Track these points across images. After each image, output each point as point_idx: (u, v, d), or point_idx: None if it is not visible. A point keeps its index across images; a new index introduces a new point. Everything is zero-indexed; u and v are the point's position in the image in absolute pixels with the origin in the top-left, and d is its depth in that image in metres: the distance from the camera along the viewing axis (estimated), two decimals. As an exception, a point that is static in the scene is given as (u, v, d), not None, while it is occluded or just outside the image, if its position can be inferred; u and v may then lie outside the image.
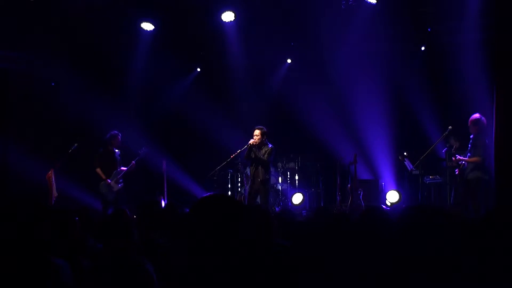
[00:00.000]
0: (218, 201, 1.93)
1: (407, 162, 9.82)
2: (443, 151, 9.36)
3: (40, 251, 2.49)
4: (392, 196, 10.27)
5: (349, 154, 10.24)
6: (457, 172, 7.97)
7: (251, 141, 8.36)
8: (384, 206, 9.91)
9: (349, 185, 10.03)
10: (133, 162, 9.20)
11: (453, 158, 7.88)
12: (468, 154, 7.78)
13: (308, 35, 10.55)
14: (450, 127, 8.27)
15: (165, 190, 10.14)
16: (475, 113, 8.02)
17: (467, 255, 2.44)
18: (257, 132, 8.39)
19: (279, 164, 11.44)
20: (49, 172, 9.19)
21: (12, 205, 2.56)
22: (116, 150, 9.28)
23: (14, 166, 10.18)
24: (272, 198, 10.17)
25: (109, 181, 9.02)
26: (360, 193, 9.88)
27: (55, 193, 9.15)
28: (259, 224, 3.23)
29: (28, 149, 10.14)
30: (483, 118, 7.72)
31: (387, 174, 10.89)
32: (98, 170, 9.12)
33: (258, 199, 8.80)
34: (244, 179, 11.08)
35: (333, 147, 11.08)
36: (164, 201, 10.09)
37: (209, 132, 11.34)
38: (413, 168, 9.37)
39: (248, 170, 10.02)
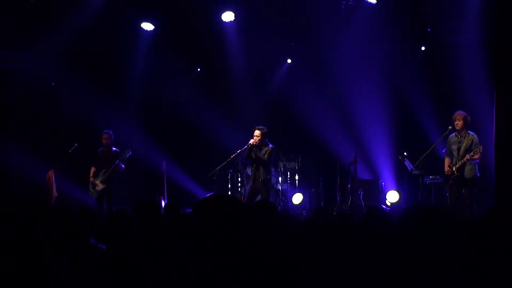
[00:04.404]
0: (219, 201, 1.93)
1: (407, 162, 9.81)
2: (443, 151, 9.35)
3: (40, 251, 2.49)
4: (392, 196, 10.27)
5: (349, 154, 10.24)
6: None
7: (251, 141, 8.35)
8: (384, 206, 9.91)
9: (349, 185, 10.03)
10: (116, 162, 9.05)
11: (454, 169, 7.79)
12: (466, 152, 7.73)
13: (308, 35, 10.55)
14: (450, 127, 8.26)
15: (165, 190, 10.14)
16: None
17: (467, 255, 2.44)
18: (257, 132, 8.38)
19: (280, 164, 11.44)
20: (49, 172, 9.21)
21: (12, 205, 2.56)
22: (114, 149, 9.23)
23: (14, 166, 10.18)
24: (272, 198, 10.16)
25: (91, 179, 9.08)
26: (360, 193, 9.88)
27: (55, 193, 9.17)
28: (260, 224, 3.23)
29: (28, 149, 10.14)
30: None
31: (387, 174, 10.88)
32: (91, 169, 9.19)
33: (257, 199, 8.81)
34: (244, 179, 11.08)
35: (333, 147, 11.08)
36: (164, 201, 10.09)
37: (209, 132, 11.33)
38: (413, 168, 9.36)
39: (248, 170, 10.01)
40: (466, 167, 7.66)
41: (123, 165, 9.13)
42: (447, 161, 8.00)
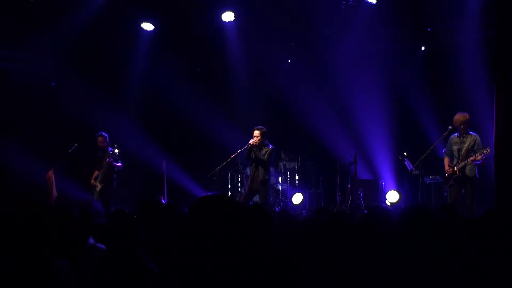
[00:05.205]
0: (217, 201, 1.93)
1: (407, 162, 9.81)
2: (443, 151, 9.37)
3: (40, 251, 2.49)
4: (392, 196, 10.27)
5: (349, 154, 10.24)
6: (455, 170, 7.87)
7: (251, 141, 8.35)
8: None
9: (349, 185, 10.03)
10: (107, 160, 9.15)
11: (456, 168, 7.76)
12: (468, 152, 7.72)
13: (308, 35, 10.55)
14: (450, 127, 8.25)
15: (165, 190, 10.13)
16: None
17: (467, 255, 2.44)
18: (256, 132, 8.38)
19: (280, 164, 11.44)
20: (49, 172, 9.20)
21: (12, 205, 2.56)
22: (110, 149, 9.30)
23: (14, 166, 10.17)
24: (272, 198, 10.16)
25: (92, 182, 9.33)
26: (360, 193, 9.88)
27: (55, 193, 9.17)
28: (259, 224, 3.23)
29: (28, 149, 10.13)
30: None
31: (387, 174, 10.88)
32: (95, 172, 9.42)
33: (256, 199, 8.81)
34: (244, 179, 11.07)
35: (333, 147, 11.08)
36: (164, 201, 10.09)
37: (209, 132, 11.33)
38: (413, 168, 9.36)
39: (248, 170, 10.01)
40: (467, 166, 7.65)
41: (119, 164, 9.24)
42: (446, 160, 7.99)
